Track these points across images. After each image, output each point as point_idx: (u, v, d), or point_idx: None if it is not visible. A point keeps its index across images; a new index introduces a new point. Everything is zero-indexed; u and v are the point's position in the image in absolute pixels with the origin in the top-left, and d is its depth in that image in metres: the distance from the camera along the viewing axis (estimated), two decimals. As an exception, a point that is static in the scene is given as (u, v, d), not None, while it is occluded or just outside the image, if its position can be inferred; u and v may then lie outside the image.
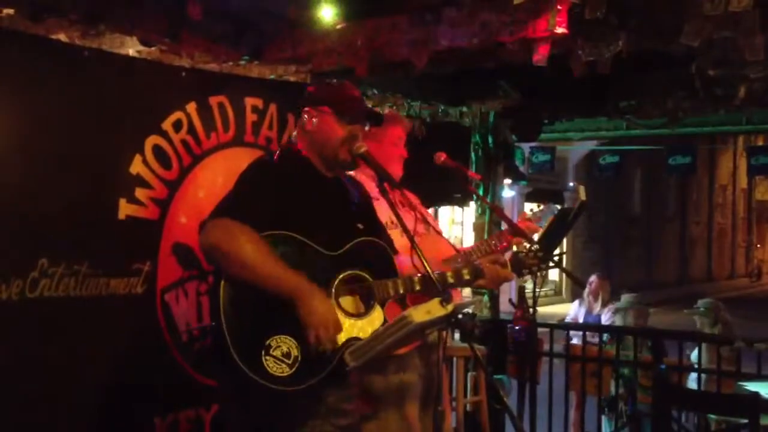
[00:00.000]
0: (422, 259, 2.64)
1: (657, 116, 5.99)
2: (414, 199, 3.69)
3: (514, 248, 3.07)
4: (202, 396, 3.86)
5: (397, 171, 3.55)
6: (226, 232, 2.54)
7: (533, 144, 10.05)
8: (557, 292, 21.00)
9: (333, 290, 2.67)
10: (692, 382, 5.56)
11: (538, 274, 3.40)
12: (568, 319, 8.06)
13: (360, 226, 2.81)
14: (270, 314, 2.54)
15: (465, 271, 2.94)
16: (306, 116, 2.82)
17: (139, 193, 3.68)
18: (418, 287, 2.77)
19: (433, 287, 2.62)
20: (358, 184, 3.05)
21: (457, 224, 17.86)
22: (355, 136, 2.80)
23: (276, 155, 2.86)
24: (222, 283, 2.53)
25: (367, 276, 2.74)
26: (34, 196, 3.33)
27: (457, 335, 5.14)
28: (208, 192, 3.85)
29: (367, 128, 2.87)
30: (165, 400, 3.82)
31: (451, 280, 2.90)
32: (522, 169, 7.54)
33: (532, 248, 3.05)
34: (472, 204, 6.49)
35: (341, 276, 2.70)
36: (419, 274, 2.76)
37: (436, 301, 2.48)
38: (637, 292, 7.46)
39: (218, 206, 2.64)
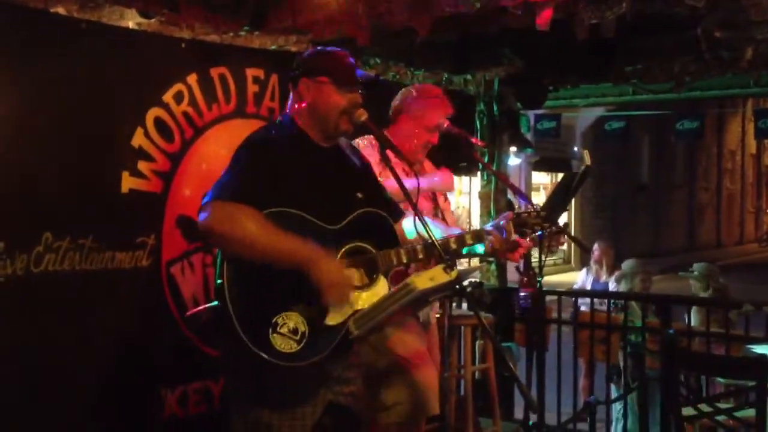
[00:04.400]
0: (425, 226, 2.63)
1: (663, 80, 5.93)
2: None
3: (517, 208, 3.01)
4: (210, 368, 3.87)
5: (419, 156, 3.55)
6: (224, 214, 2.50)
7: (538, 111, 9.99)
8: (566, 260, 20.98)
9: None
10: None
11: (545, 242, 3.38)
12: (576, 288, 8.04)
13: (359, 195, 2.78)
14: (275, 291, 2.52)
15: (468, 237, 2.92)
16: (303, 87, 2.77)
17: (142, 166, 3.67)
18: (421, 255, 2.75)
19: (437, 254, 2.61)
20: (356, 151, 3.02)
21: (465, 194, 17.80)
22: (356, 104, 2.76)
23: (269, 129, 2.83)
24: (224, 264, 2.51)
25: (370, 247, 2.72)
26: (36, 170, 3.32)
27: (465, 304, 5.17)
28: (210, 164, 3.84)
29: (360, 93, 2.80)
30: (173, 372, 3.83)
31: (453, 246, 2.88)
32: (528, 136, 7.47)
33: (534, 208, 3.00)
34: (479, 174, 6.46)
35: (343, 249, 2.68)
36: (422, 242, 2.74)
37: (439, 267, 2.46)
38: (645, 258, 7.42)
39: (214, 188, 2.58)
